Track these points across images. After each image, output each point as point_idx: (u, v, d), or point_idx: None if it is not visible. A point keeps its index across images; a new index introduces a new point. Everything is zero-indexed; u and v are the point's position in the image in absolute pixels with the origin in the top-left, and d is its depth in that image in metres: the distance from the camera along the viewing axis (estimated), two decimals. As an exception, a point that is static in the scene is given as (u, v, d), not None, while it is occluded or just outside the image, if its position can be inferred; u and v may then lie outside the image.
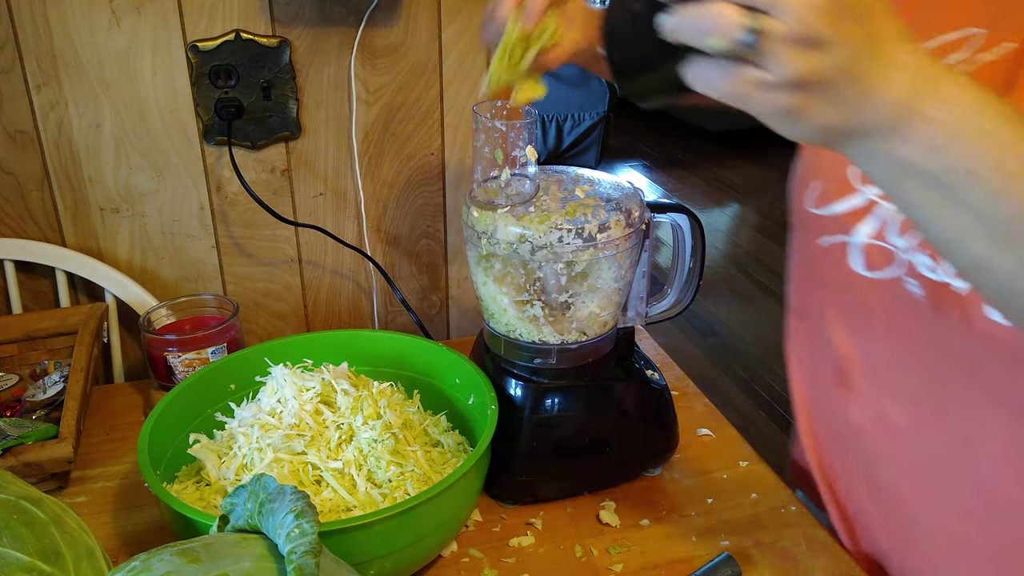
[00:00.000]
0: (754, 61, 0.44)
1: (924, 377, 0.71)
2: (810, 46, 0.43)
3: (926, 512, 0.76)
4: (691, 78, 0.47)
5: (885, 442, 0.77)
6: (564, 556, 0.81)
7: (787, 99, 0.45)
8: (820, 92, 0.44)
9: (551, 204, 0.83)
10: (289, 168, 1.24)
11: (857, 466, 0.82)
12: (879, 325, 0.74)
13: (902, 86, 0.45)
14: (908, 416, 0.74)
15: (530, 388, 0.87)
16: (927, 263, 0.66)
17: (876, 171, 0.48)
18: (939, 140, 0.45)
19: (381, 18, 1.18)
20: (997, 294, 0.49)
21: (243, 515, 0.58)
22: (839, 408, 0.81)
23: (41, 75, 1.10)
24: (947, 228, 0.47)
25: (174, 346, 0.99)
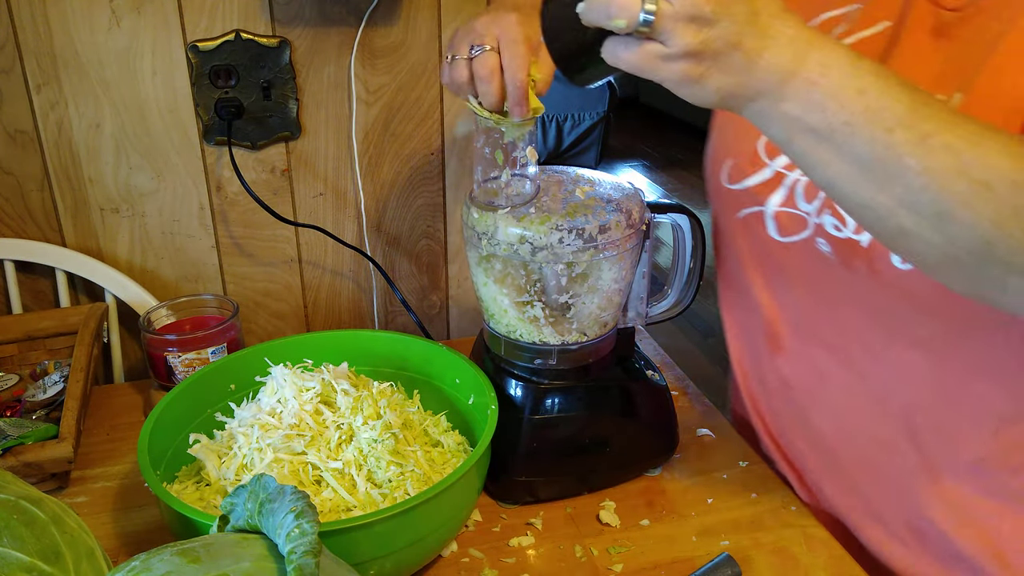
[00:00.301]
0: (655, 38, 0.52)
1: (839, 327, 0.79)
2: (699, 23, 0.51)
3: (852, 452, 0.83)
4: (606, 55, 0.55)
5: (814, 393, 0.84)
6: (564, 556, 0.81)
7: (686, 68, 0.52)
8: (713, 61, 0.52)
9: (551, 205, 0.83)
10: (289, 168, 1.24)
11: (794, 419, 0.89)
12: (796, 284, 0.81)
13: (784, 53, 0.52)
14: (830, 365, 0.81)
15: (530, 388, 0.87)
16: (833, 223, 0.74)
17: (772, 130, 0.55)
18: (819, 98, 0.52)
19: (381, 18, 1.18)
20: (882, 231, 0.56)
21: (243, 515, 0.58)
22: (772, 366, 0.88)
23: (41, 75, 1.10)
24: (835, 175, 0.54)
25: (174, 346, 0.99)
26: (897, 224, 0.54)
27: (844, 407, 0.83)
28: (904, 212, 0.53)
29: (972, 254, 0.53)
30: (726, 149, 0.86)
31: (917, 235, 0.54)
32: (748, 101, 0.54)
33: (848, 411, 0.83)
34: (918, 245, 0.54)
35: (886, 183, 0.52)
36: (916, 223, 0.53)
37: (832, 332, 0.80)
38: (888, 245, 0.58)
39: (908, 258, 0.58)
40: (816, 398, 0.85)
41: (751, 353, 0.93)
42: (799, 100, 0.53)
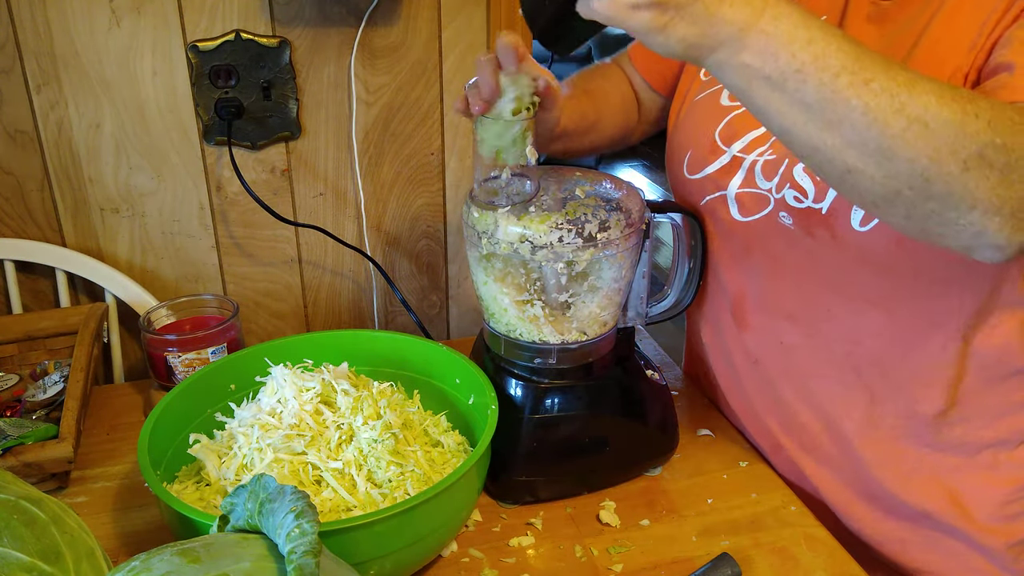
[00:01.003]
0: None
1: (801, 297, 0.83)
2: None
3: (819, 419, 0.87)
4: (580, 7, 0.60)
5: (780, 365, 0.88)
6: (564, 556, 0.81)
7: (652, 17, 0.57)
8: (676, 11, 0.57)
9: (551, 204, 0.83)
10: (289, 168, 1.24)
11: (764, 396, 0.92)
12: (759, 260, 0.86)
13: (741, 6, 0.57)
14: (794, 335, 0.85)
15: (530, 388, 0.87)
16: (794, 195, 0.79)
17: (732, 80, 0.60)
18: (773, 48, 0.57)
19: (381, 18, 1.18)
20: (832, 172, 0.60)
21: (243, 515, 0.58)
22: (739, 345, 0.92)
23: (41, 75, 1.10)
24: (789, 122, 0.59)
25: (174, 346, 0.99)
26: (844, 163, 0.59)
27: (809, 374, 0.86)
28: (850, 151, 0.58)
29: (913, 189, 0.58)
30: (685, 142, 0.91)
31: (862, 172, 0.58)
32: (709, 52, 0.59)
33: (813, 378, 0.86)
34: (864, 182, 0.59)
35: (834, 125, 0.57)
36: (861, 161, 0.58)
37: (795, 302, 0.84)
38: (837, 187, 0.62)
39: (856, 198, 0.62)
40: (782, 369, 0.88)
41: (719, 336, 0.95)
42: (755, 50, 0.57)
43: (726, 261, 0.90)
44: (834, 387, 0.85)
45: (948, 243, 0.61)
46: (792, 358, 0.87)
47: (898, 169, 0.57)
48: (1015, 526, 0.82)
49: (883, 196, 0.59)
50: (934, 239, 0.62)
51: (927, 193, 0.58)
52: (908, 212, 0.60)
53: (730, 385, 0.97)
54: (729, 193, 0.86)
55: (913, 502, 0.84)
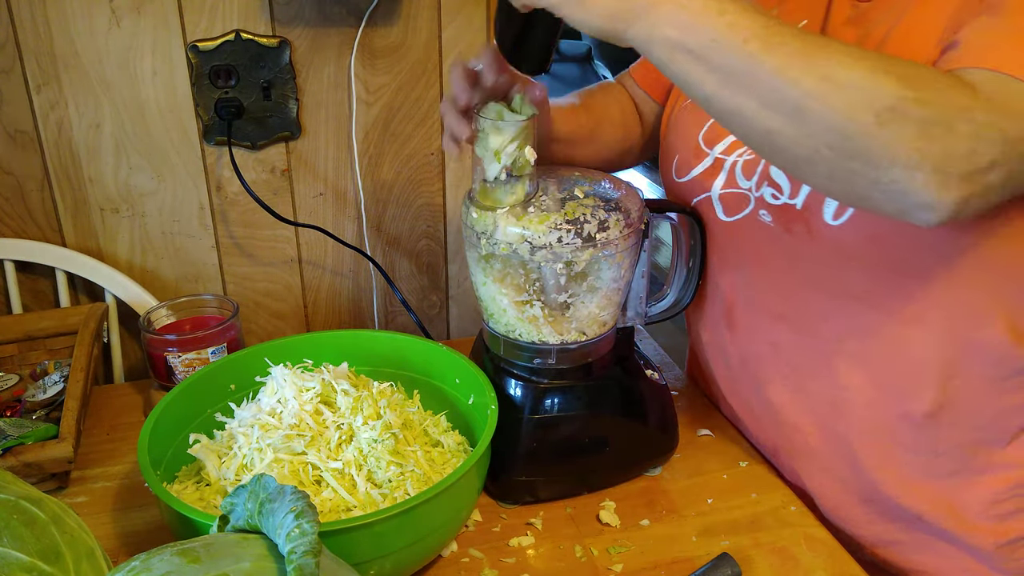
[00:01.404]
0: None
1: (785, 295, 0.84)
2: None
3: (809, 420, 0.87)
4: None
5: (768, 364, 0.89)
6: (564, 556, 0.81)
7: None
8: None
9: (551, 204, 0.83)
10: (289, 168, 1.24)
11: (752, 395, 0.92)
12: (745, 261, 0.87)
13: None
14: (780, 333, 0.86)
15: (530, 388, 0.87)
16: (771, 192, 0.81)
17: (655, 52, 0.62)
18: (688, 19, 0.60)
19: (381, 18, 1.18)
20: (754, 136, 0.62)
21: (243, 515, 0.58)
22: (732, 345, 0.93)
23: (41, 75, 1.10)
24: (709, 90, 0.61)
25: (174, 346, 0.99)
26: (763, 126, 0.60)
27: (798, 374, 0.86)
28: (767, 112, 0.59)
29: (831, 148, 0.59)
30: (673, 146, 0.94)
31: (780, 132, 0.60)
32: (627, 25, 0.61)
33: (803, 377, 0.86)
34: (783, 142, 0.60)
35: (750, 88, 0.59)
36: (778, 122, 0.59)
37: (780, 301, 0.85)
38: (761, 150, 0.64)
39: (780, 161, 0.64)
40: (774, 370, 0.88)
41: (715, 337, 0.96)
42: (671, 22, 0.60)
43: (715, 262, 0.91)
44: (823, 387, 0.84)
45: (880, 206, 0.62)
46: (781, 358, 0.87)
47: (813, 127, 0.59)
48: (1005, 526, 0.82)
49: (804, 157, 0.61)
50: (866, 203, 0.62)
51: (846, 151, 0.59)
52: (830, 172, 0.61)
53: (728, 385, 0.97)
54: (713, 194, 0.87)
55: (905, 504, 0.83)
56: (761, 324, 0.88)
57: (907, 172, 0.58)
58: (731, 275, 0.90)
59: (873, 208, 0.63)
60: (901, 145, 0.57)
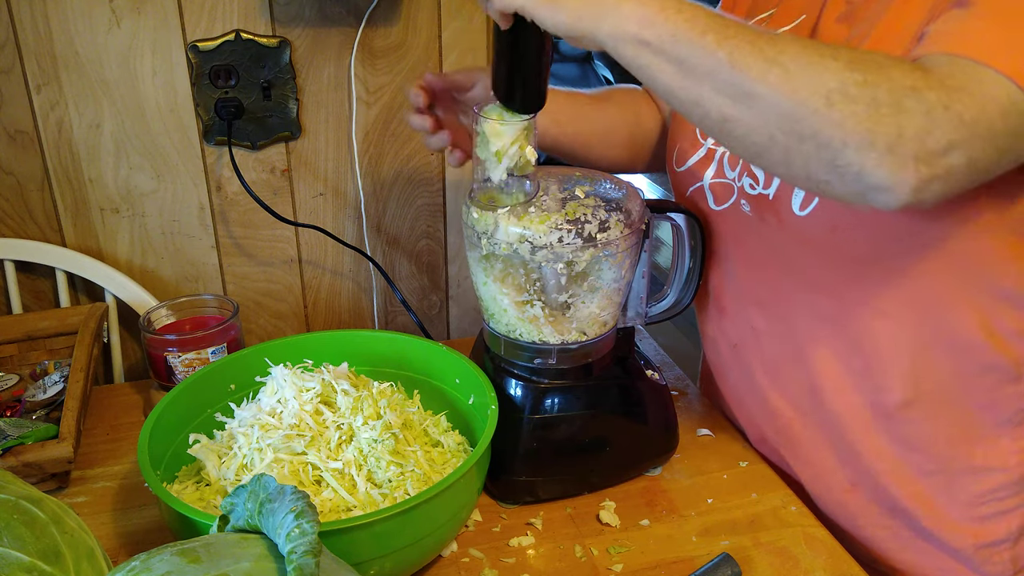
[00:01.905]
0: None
1: (765, 283, 0.87)
2: None
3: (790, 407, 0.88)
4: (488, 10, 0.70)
5: (753, 350, 0.90)
6: (564, 556, 0.81)
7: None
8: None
9: (551, 204, 0.83)
10: (289, 168, 1.24)
11: (745, 381, 0.94)
12: (731, 249, 0.90)
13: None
14: (761, 321, 0.88)
15: (530, 388, 0.87)
16: (749, 182, 0.83)
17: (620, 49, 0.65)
18: (650, 16, 0.63)
19: (381, 18, 1.18)
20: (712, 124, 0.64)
21: (243, 515, 0.58)
22: (721, 332, 0.95)
23: (41, 75, 1.10)
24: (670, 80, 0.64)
25: (174, 346, 0.99)
26: (719, 114, 0.63)
27: (777, 360, 0.88)
28: (721, 99, 0.62)
29: (784, 131, 0.61)
30: (674, 137, 0.96)
31: (736, 119, 0.62)
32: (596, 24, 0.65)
33: (781, 363, 0.88)
34: (739, 129, 0.63)
35: (706, 77, 0.62)
36: (734, 108, 0.62)
37: (760, 289, 0.88)
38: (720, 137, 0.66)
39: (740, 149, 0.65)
40: (757, 355, 0.90)
41: (707, 324, 0.98)
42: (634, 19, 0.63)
43: (709, 251, 0.93)
44: (800, 373, 0.86)
45: (840, 192, 0.62)
46: (762, 343, 0.89)
47: (765, 111, 0.61)
48: (985, 528, 0.82)
49: (761, 144, 0.62)
50: (827, 189, 0.63)
51: (797, 134, 0.60)
52: (786, 158, 0.62)
53: (719, 372, 0.99)
54: (705, 183, 0.90)
55: (882, 498, 0.84)
56: (744, 310, 0.90)
57: (860, 153, 0.59)
58: (718, 262, 0.92)
59: (835, 194, 0.63)
60: (851, 125, 0.58)
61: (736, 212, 0.86)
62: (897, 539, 0.86)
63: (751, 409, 0.95)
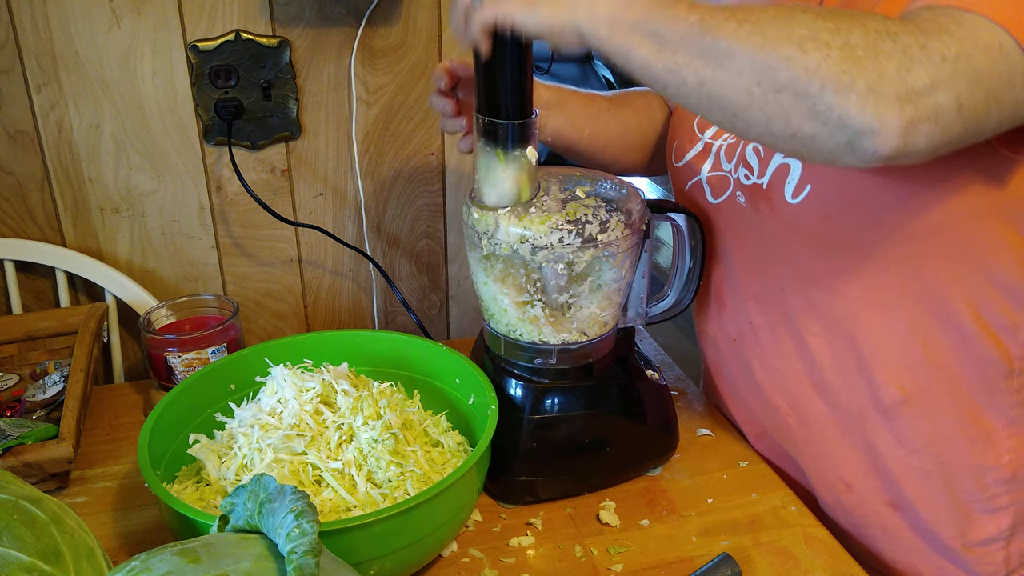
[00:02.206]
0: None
1: (759, 276, 0.87)
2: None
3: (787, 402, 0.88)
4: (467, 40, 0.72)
5: (752, 345, 0.90)
6: (564, 556, 0.81)
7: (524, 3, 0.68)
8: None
9: (552, 204, 0.83)
10: (289, 168, 1.24)
11: (744, 377, 0.93)
12: (729, 242, 0.90)
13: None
14: (758, 314, 0.88)
15: (530, 388, 0.87)
16: (744, 172, 0.84)
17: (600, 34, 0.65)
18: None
19: (381, 18, 1.18)
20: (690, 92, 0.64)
21: (243, 515, 0.58)
22: (720, 326, 0.95)
23: (41, 75, 1.10)
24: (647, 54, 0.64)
25: (174, 346, 0.99)
26: (695, 76, 0.63)
27: (774, 354, 0.88)
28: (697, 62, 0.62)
29: (761, 84, 0.60)
30: (674, 133, 0.97)
31: (712, 80, 0.62)
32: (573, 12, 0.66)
33: (778, 358, 0.87)
34: (716, 89, 0.63)
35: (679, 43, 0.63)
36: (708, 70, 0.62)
37: (755, 282, 0.88)
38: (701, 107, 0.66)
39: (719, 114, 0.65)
40: (754, 350, 0.90)
41: (707, 321, 0.97)
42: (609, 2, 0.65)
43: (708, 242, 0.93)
44: (797, 368, 0.86)
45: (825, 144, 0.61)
46: (759, 337, 0.89)
47: (740, 66, 0.61)
48: (977, 526, 0.82)
49: (738, 101, 0.62)
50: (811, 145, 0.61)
51: (774, 84, 0.60)
52: (766, 113, 0.61)
53: (718, 370, 0.98)
54: (703, 177, 0.90)
55: (877, 496, 0.84)
56: (742, 304, 0.90)
57: (839, 95, 0.58)
58: (718, 257, 0.92)
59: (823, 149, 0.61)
60: (826, 68, 0.58)
61: (732, 204, 0.87)
62: (891, 538, 0.86)
63: (750, 405, 0.95)
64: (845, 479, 0.86)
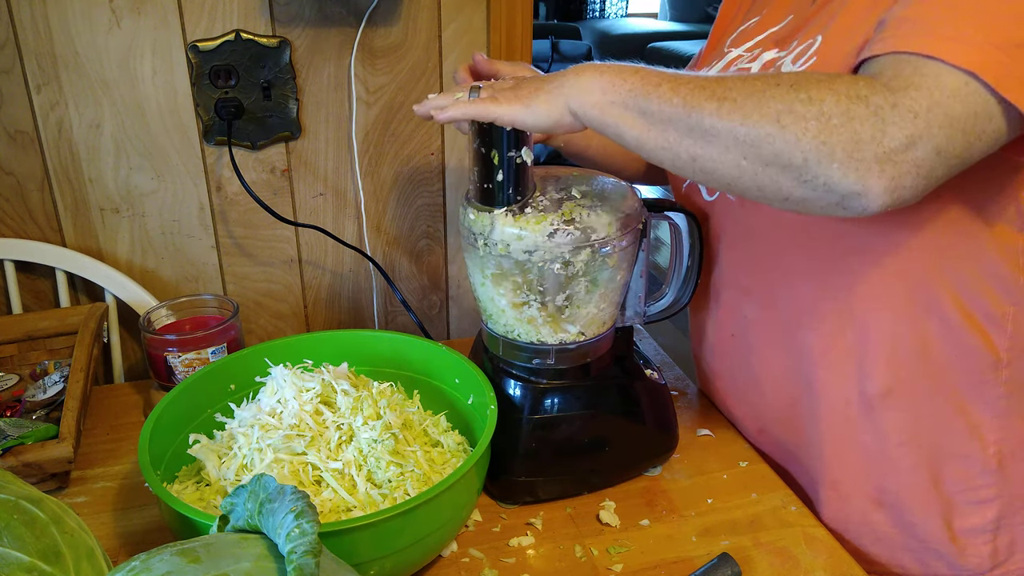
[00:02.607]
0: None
1: (749, 270, 0.88)
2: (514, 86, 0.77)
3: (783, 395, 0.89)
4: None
5: (748, 338, 0.91)
6: (564, 556, 0.81)
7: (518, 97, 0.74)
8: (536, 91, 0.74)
9: (548, 204, 0.83)
10: (289, 168, 1.24)
11: (743, 371, 0.94)
12: (724, 239, 0.91)
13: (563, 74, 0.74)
14: (752, 309, 0.89)
15: (529, 388, 0.87)
16: None
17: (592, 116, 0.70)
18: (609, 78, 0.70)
19: (381, 18, 1.18)
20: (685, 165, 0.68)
21: (243, 515, 0.58)
22: (717, 323, 0.95)
23: (41, 75, 1.10)
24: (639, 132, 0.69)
25: (174, 346, 0.99)
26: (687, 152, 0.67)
27: (767, 348, 0.89)
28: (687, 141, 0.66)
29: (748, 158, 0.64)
30: None
31: (702, 156, 0.66)
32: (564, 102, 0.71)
33: (771, 351, 0.88)
34: (708, 164, 0.66)
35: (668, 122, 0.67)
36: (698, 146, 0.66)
37: (746, 275, 0.89)
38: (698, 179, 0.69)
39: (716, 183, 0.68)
40: (749, 344, 0.91)
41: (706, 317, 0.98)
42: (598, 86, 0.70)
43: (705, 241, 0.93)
44: (789, 361, 0.86)
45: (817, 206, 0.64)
46: (754, 331, 0.90)
47: (727, 143, 0.64)
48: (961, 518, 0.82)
49: (731, 174, 0.66)
50: (806, 207, 0.65)
51: (761, 159, 0.63)
52: (757, 183, 0.65)
53: (717, 366, 0.99)
54: None
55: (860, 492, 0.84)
56: (737, 298, 0.91)
57: (821, 165, 0.61)
58: (714, 254, 0.93)
59: (817, 210, 0.65)
60: (806, 141, 0.61)
61: (724, 201, 0.88)
62: (876, 535, 0.86)
63: (751, 400, 0.95)
64: (832, 475, 0.86)
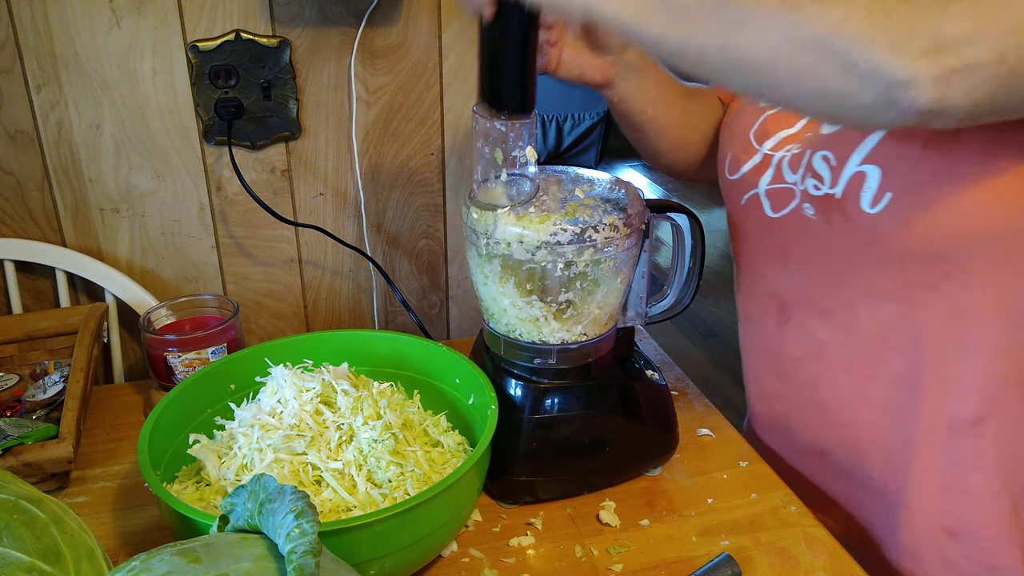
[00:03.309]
0: None
1: (827, 291, 0.83)
2: None
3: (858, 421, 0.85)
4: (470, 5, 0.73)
5: (818, 363, 0.87)
6: (564, 556, 0.81)
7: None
8: None
9: (551, 204, 0.83)
10: (289, 168, 1.24)
11: (803, 396, 0.90)
12: (792, 257, 0.86)
13: None
14: (825, 330, 0.85)
15: (530, 388, 0.87)
16: (814, 183, 0.80)
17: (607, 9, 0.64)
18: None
19: (381, 18, 1.18)
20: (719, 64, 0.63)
21: (243, 515, 0.58)
22: (781, 345, 0.91)
23: (41, 75, 1.10)
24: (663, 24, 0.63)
25: (174, 346, 0.99)
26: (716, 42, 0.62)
27: (842, 372, 0.84)
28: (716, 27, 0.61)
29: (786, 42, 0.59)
30: (727, 144, 0.93)
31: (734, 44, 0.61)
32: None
33: (849, 378, 0.84)
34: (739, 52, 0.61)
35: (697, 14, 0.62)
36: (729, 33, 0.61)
37: (823, 297, 0.84)
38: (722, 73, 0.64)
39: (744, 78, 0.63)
40: (820, 368, 0.87)
41: (762, 338, 0.94)
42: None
43: (766, 258, 0.90)
44: (871, 388, 0.82)
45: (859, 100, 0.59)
46: (827, 355, 0.85)
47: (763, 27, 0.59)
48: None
49: (763, 61, 0.61)
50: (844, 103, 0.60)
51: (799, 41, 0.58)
52: (793, 72, 0.59)
53: (773, 392, 0.95)
54: (760, 190, 0.87)
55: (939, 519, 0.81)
56: (809, 321, 0.86)
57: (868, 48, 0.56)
58: (780, 271, 0.88)
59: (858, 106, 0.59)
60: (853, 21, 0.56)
61: (797, 218, 0.83)
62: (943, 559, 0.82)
63: (813, 424, 0.90)
64: (910, 502, 0.82)
